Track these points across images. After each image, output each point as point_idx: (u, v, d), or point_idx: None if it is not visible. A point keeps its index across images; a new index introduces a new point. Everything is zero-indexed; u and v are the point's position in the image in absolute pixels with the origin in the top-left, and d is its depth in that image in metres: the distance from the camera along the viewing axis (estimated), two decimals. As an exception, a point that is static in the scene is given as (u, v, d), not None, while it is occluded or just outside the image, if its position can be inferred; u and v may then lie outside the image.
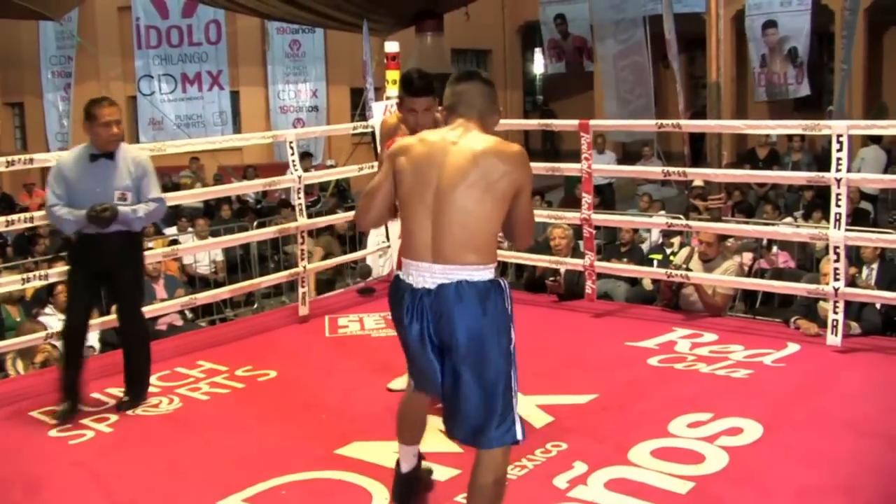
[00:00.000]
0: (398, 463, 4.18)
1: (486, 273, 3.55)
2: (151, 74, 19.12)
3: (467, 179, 3.46)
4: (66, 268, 5.84)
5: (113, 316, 5.97)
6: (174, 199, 7.77)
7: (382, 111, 8.04)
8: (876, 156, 14.03)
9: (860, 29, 17.83)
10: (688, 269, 7.29)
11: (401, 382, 5.58)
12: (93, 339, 8.17)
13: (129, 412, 5.55)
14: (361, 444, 4.88)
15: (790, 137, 15.22)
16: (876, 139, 14.01)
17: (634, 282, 8.68)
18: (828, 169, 6.45)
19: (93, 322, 5.89)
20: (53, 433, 5.29)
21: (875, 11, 18.34)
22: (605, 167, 7.64)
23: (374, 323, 7.33)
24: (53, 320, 8.30)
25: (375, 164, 8.02)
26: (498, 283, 3.60)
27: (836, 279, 6.31)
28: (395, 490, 4.20)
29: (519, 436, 3.65)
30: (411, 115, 4.94)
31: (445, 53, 15.83)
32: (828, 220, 7.02)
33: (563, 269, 7.99)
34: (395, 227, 7.94)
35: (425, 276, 3.54)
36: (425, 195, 3.53)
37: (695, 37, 17.70)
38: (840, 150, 6.25)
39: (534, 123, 10.68)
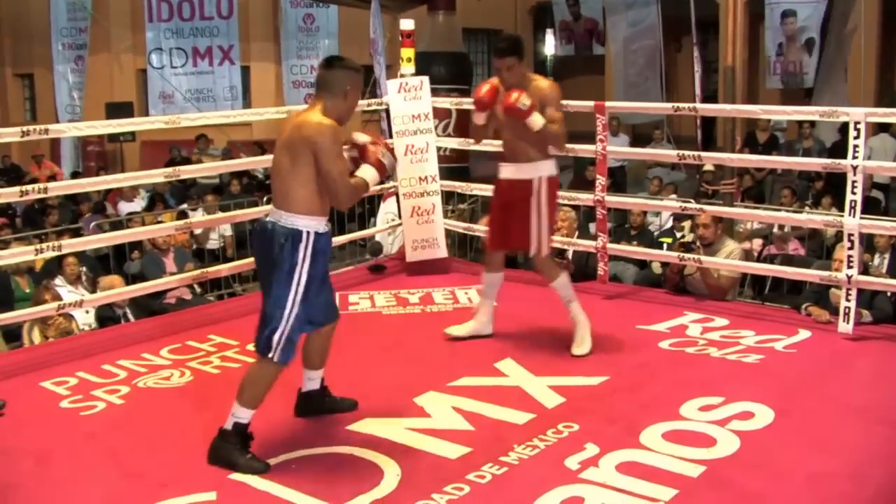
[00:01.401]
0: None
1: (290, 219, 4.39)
2: (162, 48, 19.09)
3: (284, 146, 4.42)
4: (78, 239, 5.83)
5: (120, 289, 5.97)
6: (185, 173, 7.76)
7: (397, 89, 8.03)
8: (883, 144, 13.99)
9: (873, 18, 17.77)
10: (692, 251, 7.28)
11: (460, 329, 6.26)
12: (89, 317, 8.23)
13: (141, 384, 5.57)
14: (373, 420, 4.88)
15: (800, 125, 15.18)
16: (884, 128, 13.97)
17: (643, 265, 8.68)
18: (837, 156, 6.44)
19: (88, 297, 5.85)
20: (65, 404, 5.30)
21: (890, 0, 18.27)
22: (619, 149, 7.64)
23: (385, 300, 7.33)
24: (64, 291, 8.33)
25: (389, 141, 8.04)
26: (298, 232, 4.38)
27: (850, 267, 6.30)
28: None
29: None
30: (498, 74, 5.82)
31: (457, 33, 15.79)
32: (838, 208, 7.01)
33: (570, 251, 7.99)
34: (406, 205, 7.99)
35: None
36: None
37: (707, 20, 17.65)
38: (857, 137, 6.22)
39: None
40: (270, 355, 4.45)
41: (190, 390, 5.51)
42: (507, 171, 5.98)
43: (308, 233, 4.39)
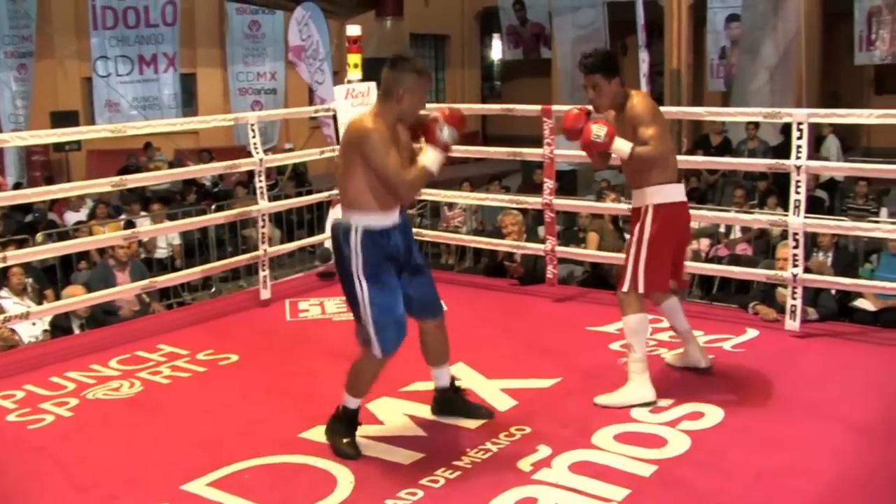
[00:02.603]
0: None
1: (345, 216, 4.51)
2: (108, 55, 18.90)
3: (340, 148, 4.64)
4: (23, 251, 5.76)
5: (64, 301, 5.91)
6: (132, 182, 7.69)
7: (343, 95, 8.02)
8: (827, 144, 14.21)
9: (815, 20, 18.05)
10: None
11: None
12: (36, 329, 8.13)
13: (90, 396, 5.51)
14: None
15: (746, 127, 15.37)
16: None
17: (594, 266, 8.73)
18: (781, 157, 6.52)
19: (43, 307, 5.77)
20: (12, 418, 5.23)
21: (831, 2, 18.56)
22: (565, 152, 7.66)
23: (335, 307, 7.31)
24: (9, 303, 8.22)
25: (336, 147, 8.01)
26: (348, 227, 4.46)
27: (795, 265, 6.38)
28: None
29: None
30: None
31: (404, 38, 15.81)
32: (784, 208, 7.09)
33: (519, 255, 8.02)
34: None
35: None
36: None
37: (652, 24, 17.80)
38: (800, 137, 6.30)
39: (495, 108, 10.66)
40: (370, 349, 4.53)
41: (140, 401, 5.46)
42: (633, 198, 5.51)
43: (357, 227, 4.43)
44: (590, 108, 5.27)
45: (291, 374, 5.75)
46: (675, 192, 5.27)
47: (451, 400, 5.01)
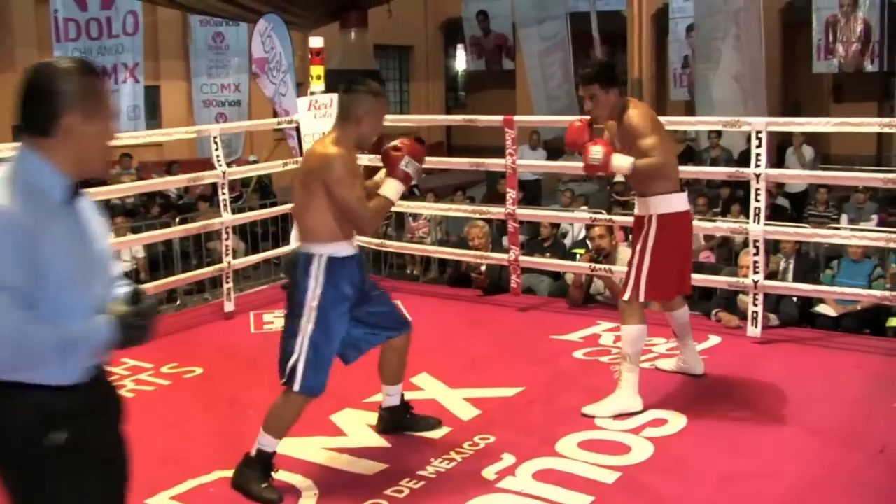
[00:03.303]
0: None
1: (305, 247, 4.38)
2: (69, 68, 18.74)
3: (300, 177, 4.45)
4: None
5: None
6: (98, 195, 7.65)
7: (307, 107, 8.03)
8: (799, 155, 14.33)
9: (775, 29, 18.21)
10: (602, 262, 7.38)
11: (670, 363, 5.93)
12: None
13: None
14: (288, 440, 4.82)
15: (708, 135, 15.48)
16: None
17: (557, 276, 8.77)
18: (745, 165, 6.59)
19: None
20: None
21: (790, 11, 18.74)
22: (528, 162, 7.74)
23: (300, 319, 7.30)
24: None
25: (300, 159, 8.01)
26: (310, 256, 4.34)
27: (756, 272, 6.44)
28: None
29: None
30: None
31: (369, 50, 15.82)
32: (746, 215, 7.16)
33: (484, 265, 8.05)
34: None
35: None
36: None
37: (615, 34, 17.94)
38: (759, 146, 6.37)
39: (458, 119, 10.75)
40: (293, 387, 4.33)
41: (103, 415, 5.43)
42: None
43: (320, 256, 4.32)
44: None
45: (256, 386, 5.72)
46: (679, 202, 5.26)
47: (399, 416, 4.95)
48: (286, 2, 14.02)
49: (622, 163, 4.98)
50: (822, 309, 8.13)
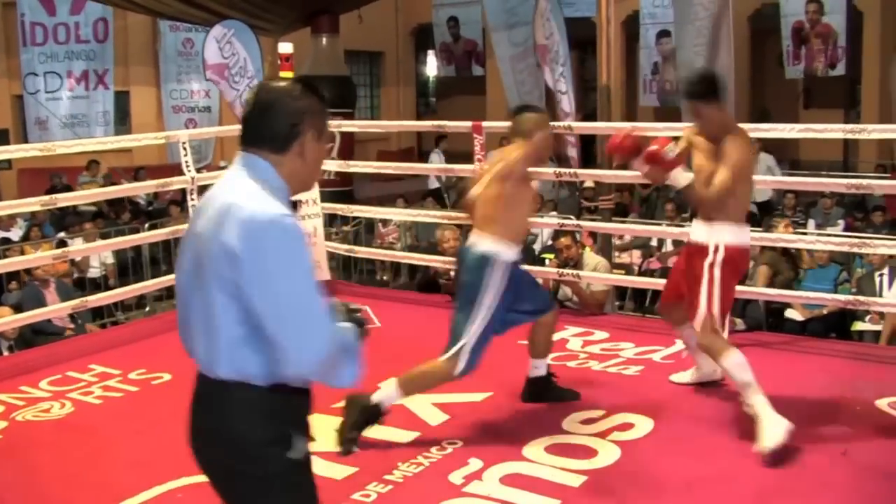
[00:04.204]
0: None
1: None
2: (37, 72, 18.63)
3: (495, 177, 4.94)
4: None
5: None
6: (63, 201, 7.64)
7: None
8: (760, 159, 14.40)
9: (743, 36, 18.36)
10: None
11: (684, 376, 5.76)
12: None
13: (20, 418, 5.45)
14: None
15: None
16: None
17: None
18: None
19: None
20: (-61, 440, 5.17)
21: (758, 18, 18.89)
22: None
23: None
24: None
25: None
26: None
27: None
28: None
29: None
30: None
31: (340, 55, 15.83)
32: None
33: (454, 270, 8.07)
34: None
35: None
36: None
37: (585, 40, 17.98)
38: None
39: (427, 125, 10.81)
40: (456, 368, 4.89)
41: (71, 422, 5.42)
42: (693, 228, 5.29)
43: (497, 256, 4.87)
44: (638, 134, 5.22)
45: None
46: (745, 235, 5.16)
47: (543, 387, 5.38)
48: (257, 7, 14.01)
49: (680, 178, 5.06)
50: (789, 313, 8.21)
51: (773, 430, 4.62)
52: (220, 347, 2.55)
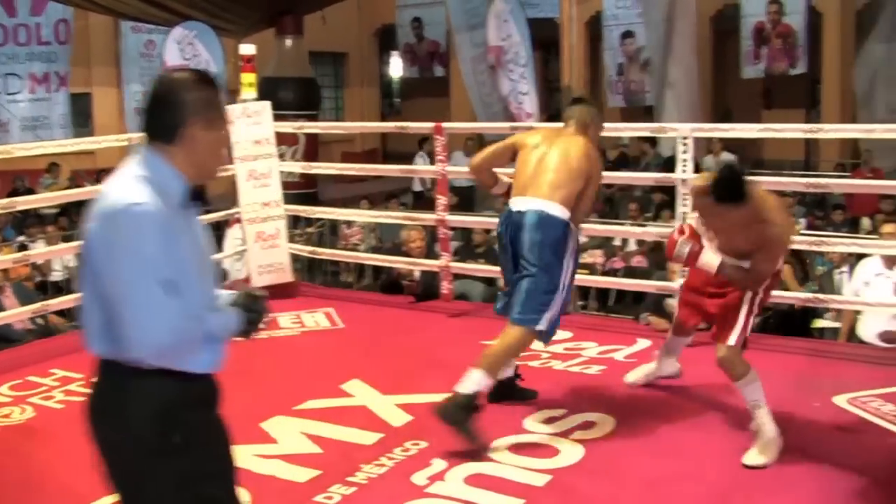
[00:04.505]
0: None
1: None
2: (-4, 74, 18.42)
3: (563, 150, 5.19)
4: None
5: None
6: (22, 204, 7.57)
7: (238, 114, 8.00)
8: (718, 161, 14.52)
9: (705, 37, 18.49)
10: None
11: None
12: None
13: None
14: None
15: (644, 141, 15.65)
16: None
17: (491, 282, 8.82)
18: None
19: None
20: None
21: (720, 19, 19.02)
22: (459, 168, 7.90)
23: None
24: None
25: (232, 166, 8.00)
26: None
27: (683, 276, 6.52)
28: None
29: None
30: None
31: (304, 57, 15.79)
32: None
33: (418, 271, 8.08)
34: (250, 231, 7.95)
35: None
36: None
37: (548, 41, 18.05)
38: (685, 151, 6.47)
39: (389, 126, 10.84)
40: (545, 336, 5.14)
41: (33, 427, 5.37)
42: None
43: (575, 232, 5.10)
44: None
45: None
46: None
47: (507, 387, 5.38)
48: (220, 8, 13.94)
49: (711, 260, 4.81)
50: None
51: (772, 448, 4.63)
52: (96, 329, 2.69)
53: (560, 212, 4.99)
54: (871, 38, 15.71)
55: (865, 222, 12.25)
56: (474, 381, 4.83)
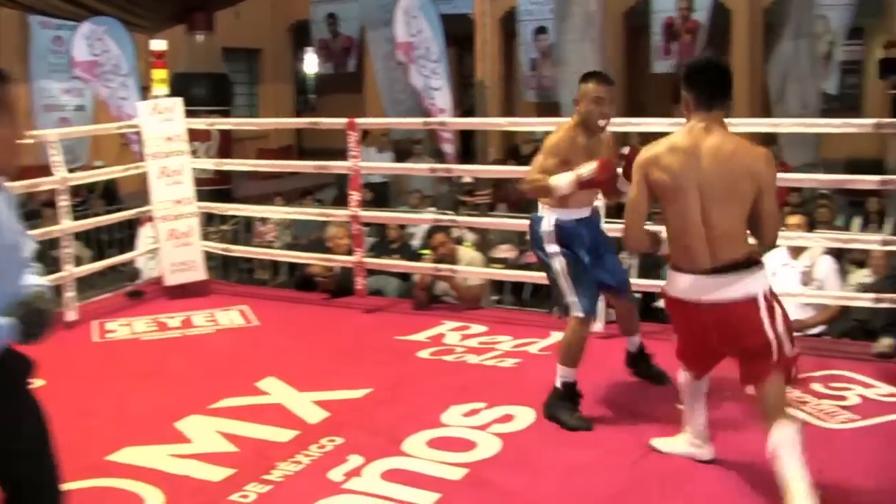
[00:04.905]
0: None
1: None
2: None
3: None
4: None
5: None
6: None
7: (149, 111, 7.90)
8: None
9: (618, 33, 18.70)
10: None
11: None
12: None
13: None
14: (133, 448, 4.79)
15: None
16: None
17: (406, 277, 8.83)
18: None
19: None
20: None
21: (632, 15, 19.24)
22: (372, 164, 7.88)
23: (145, 326, 7.18)
24: None
25: (144, 164, 7.89)
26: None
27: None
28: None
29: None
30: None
31: (217, 53, 15.64)
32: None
33: (336, 268, 8.05)
34: (162, 228, 7.86)
35: None
36: None
37: (463, 37, 18.09)
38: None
39: (302, 122, 10.78)
40: (575, 312, 5.13)
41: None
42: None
43: (549, 219, 5.19)
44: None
45: (100, 396, 5.63)
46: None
47: (635, 360, 5.69)
48: (130, 2, 13.75)
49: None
50: (662, 304, 8.36)
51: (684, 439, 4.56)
52: None
53: (540, 208, 5.27)
54: (782, 36, 15.97)
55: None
56: (559, 374, 5.10)
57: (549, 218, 5.19)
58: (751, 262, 3.99)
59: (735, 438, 4.74)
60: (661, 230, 4.26)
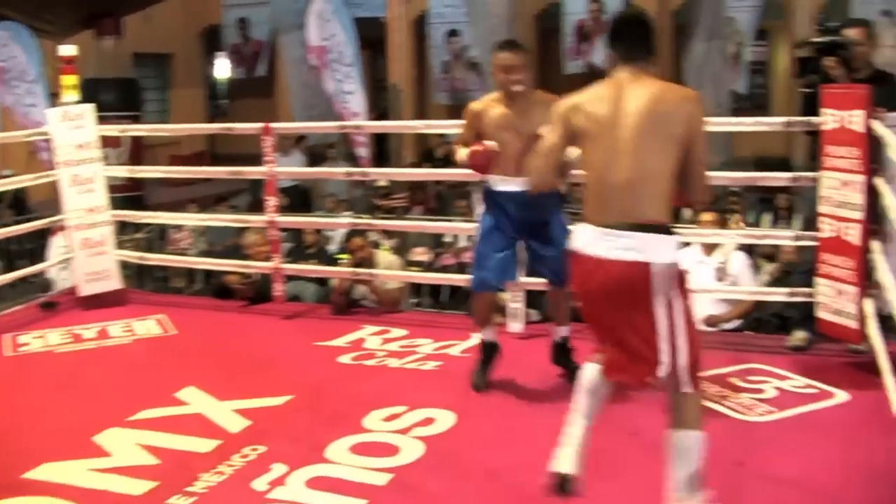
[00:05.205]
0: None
1: None
2: None
3: None
4: None
5: None
6: None
7: (59, 118, 7.76)
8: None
9: (531, 35, 18.86)
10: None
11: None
12: None
13: None
14: (50, 464, 4.69)
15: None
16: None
17: (323, 282, 8.79)
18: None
19: None
20: None
21: (544, 17, 19.44)
22: (288, 169, 7.82)
23: (59, 338, 7.03)
24: None
25: (55, 172, 7.75)
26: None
27: (518, 271, 6.63)
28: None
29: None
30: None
31: (126, 58, 15.45)
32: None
33: (254, 274, 7.99)
34: (76, 237, 7.72)
35: None
36: None
37: (375, 40, 18.11)
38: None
39: (217, 128, 10.68)
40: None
41: None
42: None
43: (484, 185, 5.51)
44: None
45: (13, 411, 5.50)
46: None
47: (555, 352, 5.77)
48: (36, 7, 13.51)
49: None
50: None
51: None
52: None
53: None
54: (694, 38, 16.24)
55: (686, 212, 12.66)
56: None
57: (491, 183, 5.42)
58: (671, 232, 3.67)
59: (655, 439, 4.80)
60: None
